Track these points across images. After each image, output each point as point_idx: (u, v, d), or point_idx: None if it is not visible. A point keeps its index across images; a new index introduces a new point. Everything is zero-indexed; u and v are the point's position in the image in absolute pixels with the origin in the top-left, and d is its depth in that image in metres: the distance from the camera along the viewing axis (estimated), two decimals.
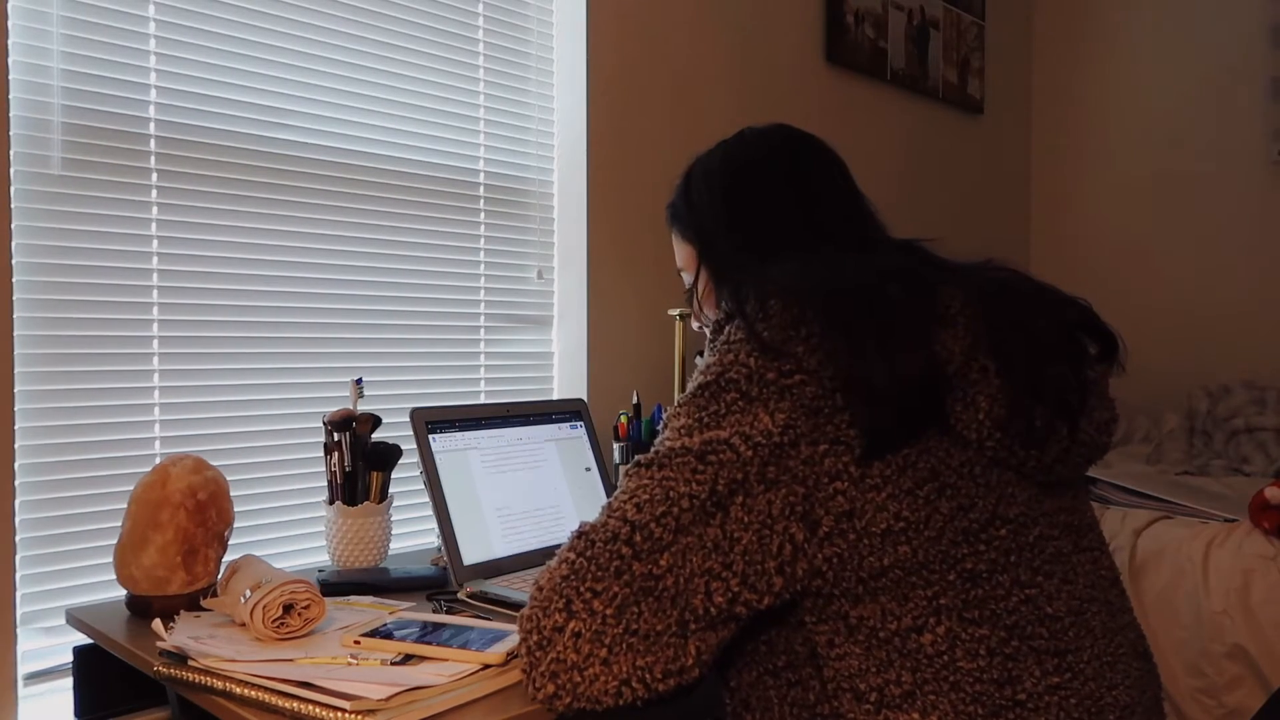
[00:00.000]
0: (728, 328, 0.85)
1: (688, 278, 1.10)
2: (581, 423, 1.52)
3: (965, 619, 0.78)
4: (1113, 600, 0.89)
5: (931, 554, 0.78)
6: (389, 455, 1.37)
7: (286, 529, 1.48)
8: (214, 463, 1.18)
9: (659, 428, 0.88)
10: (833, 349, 0.79)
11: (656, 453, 0.82)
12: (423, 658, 0.93)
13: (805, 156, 1.04)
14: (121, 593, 1.14)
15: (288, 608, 0.98)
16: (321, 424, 1.35)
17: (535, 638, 0.78)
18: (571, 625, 0.77)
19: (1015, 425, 0.81)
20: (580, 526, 0.83)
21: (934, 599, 0.78)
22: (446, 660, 0.92)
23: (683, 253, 1.10)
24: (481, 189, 1.75)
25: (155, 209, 1.34)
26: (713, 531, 0.78)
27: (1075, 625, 0.82)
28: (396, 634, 0.97)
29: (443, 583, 1.26)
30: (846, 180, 1.04)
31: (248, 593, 0.98)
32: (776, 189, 1.01)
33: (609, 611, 0.77)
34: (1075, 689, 0.80)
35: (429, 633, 0.96)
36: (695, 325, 1.14)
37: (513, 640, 0.94)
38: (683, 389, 1.74)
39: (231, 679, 0.87)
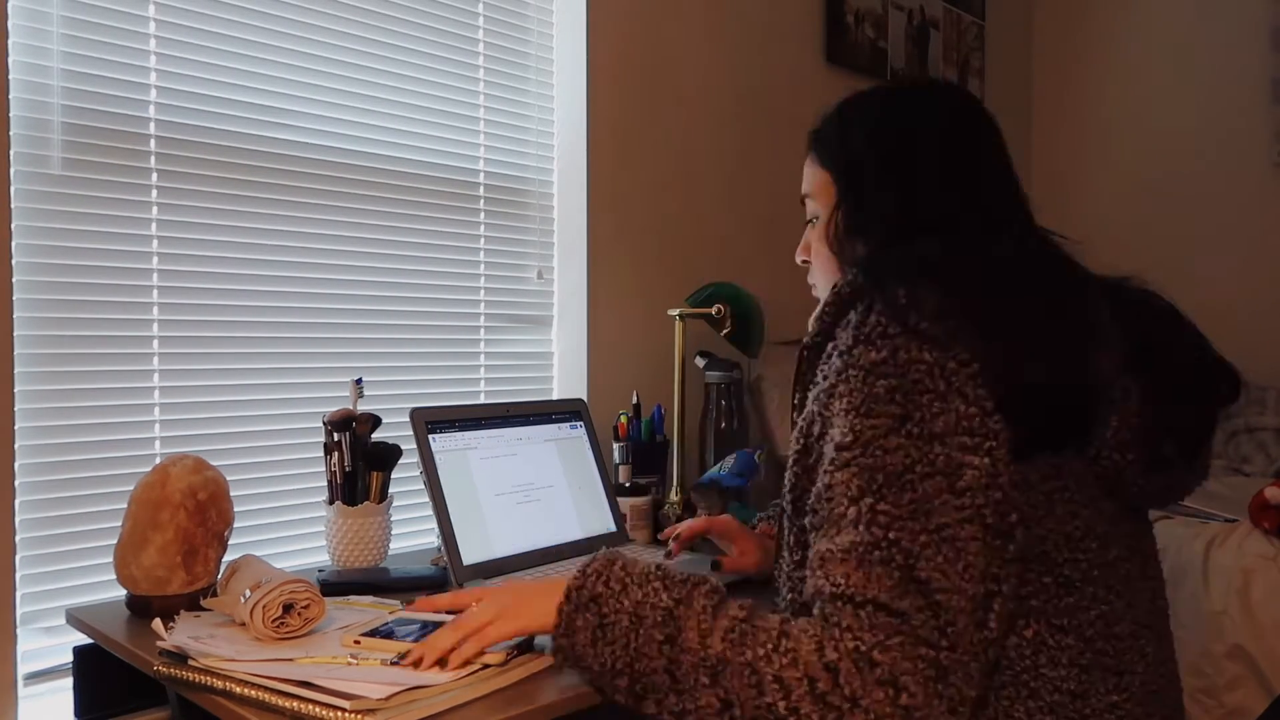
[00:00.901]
0: (863, 310, 0.80)
1: (811, 205, 1.02)
2: (581, 423, 1.52)
3: (1054, 625, 0.78)
4: (1162, 633, 0.89)
5: (1034, 552, 0.78)
6: (389, 455, 1.36)
7: (286, 529, 1.48)
8: (214, 463, 1.18)
9: (838, 438, 0.78)
10: (992, 349, 0.76)
11: (914, 502, 0.73)
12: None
13: (977, 131, 0.97)
14: (121, 593, 1.14)
15: (288, 607, 0.98)
16: (321, 424, 1.35)
17: None
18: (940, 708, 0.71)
19: (1140, 452, 0.81)
20: (856, 598, 0.72)
21: (1026, 599, 0.77)
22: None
23: (817, 180, 1.01)
24: (481, 189, 1.75)
25: (155, 209, 1.34)
26: (998, 567, 0.74)
27: (1133, 649, 0.82)
28: (398, 632, 0.97)
29: (443, 583, 1.26)
30: (1007, 162, 0.98)
31: (248, 592, 0.98)
32: (938, 157, 0.94)
33: (972, 693, 0.72)
34: (1128, 711, 0.80)
35: (429, 631, 0.96)
36: (799, 259, 1.06)
37: (513, 640, 0.93)
38: (683, 389, 1.74)
39: (231, 679, 0.87)
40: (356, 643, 0.95)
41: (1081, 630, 0.78)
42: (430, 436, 1.29)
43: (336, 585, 1.22)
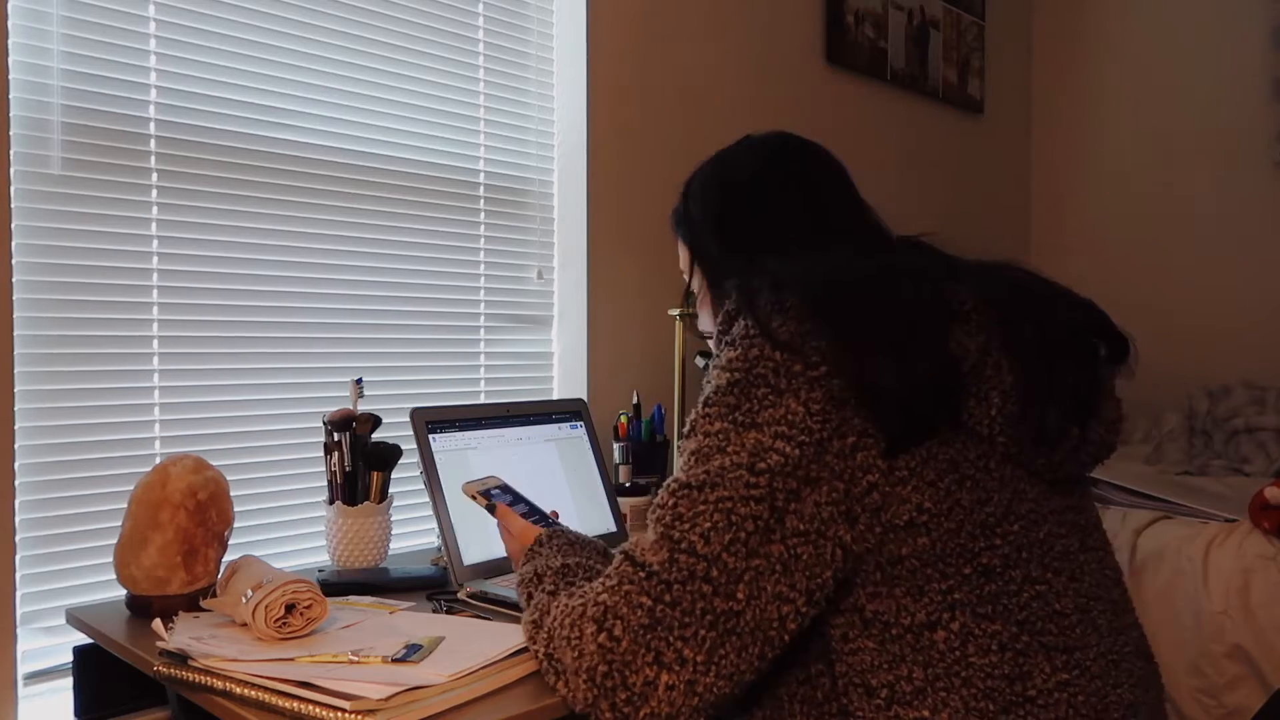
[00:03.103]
0: (738, 322, 0.85)
1: (687, 279, 1.11)
2: (581, 423, 1.52)
3: (979, 614, 0.78)
4: (1117, 600, 0.89)
5: (950, 546, 0.78)
6: (389, 455, 1.36)
7: (286, 529, 1.48)
8: (214, 463, 1.18)
9: (684, 432, 0.85)
10: (844, 349, 0.79)
11: (707, 472, 0.79)
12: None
13: (805, 164, 1.04)
14: (121, 593, 1.14)
15: (290, 607, 0.98)
16: (321, 424, 1.35)
17: (623, 694, 0.75)
18: (664, 678, 0.75)
19: (1027, 423, 0.81)
20: (634, 554, 0.79)
21: (949, 593, 0.78)
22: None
23: (683, 256, 1.11)
24: (481, 189, 1.75)
25: (155, 209, 1.34)
26: (777, 549, 0.76)
27: (1082, 623, 0.82)
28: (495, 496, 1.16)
29: (443, 583, 1.26)
30: (848, 186, 1.04)
31: (249, 593, 0.98)
32: (772, 197, 1.01)
33: (699, 659, 0.75)
34: (1082, 686, 0.80)
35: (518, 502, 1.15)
36: (700, 327, 1.15)
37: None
38: (683, 389, 1.74)
39: (231, 679, 0.87)
40: (473, 496, 1.16)
41: (1011, 614, 0.79)
42: (430, 436, 1.29)
43: (336, 585, 1.22)
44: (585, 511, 1.45)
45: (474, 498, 1.18)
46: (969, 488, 0.79)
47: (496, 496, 1.17)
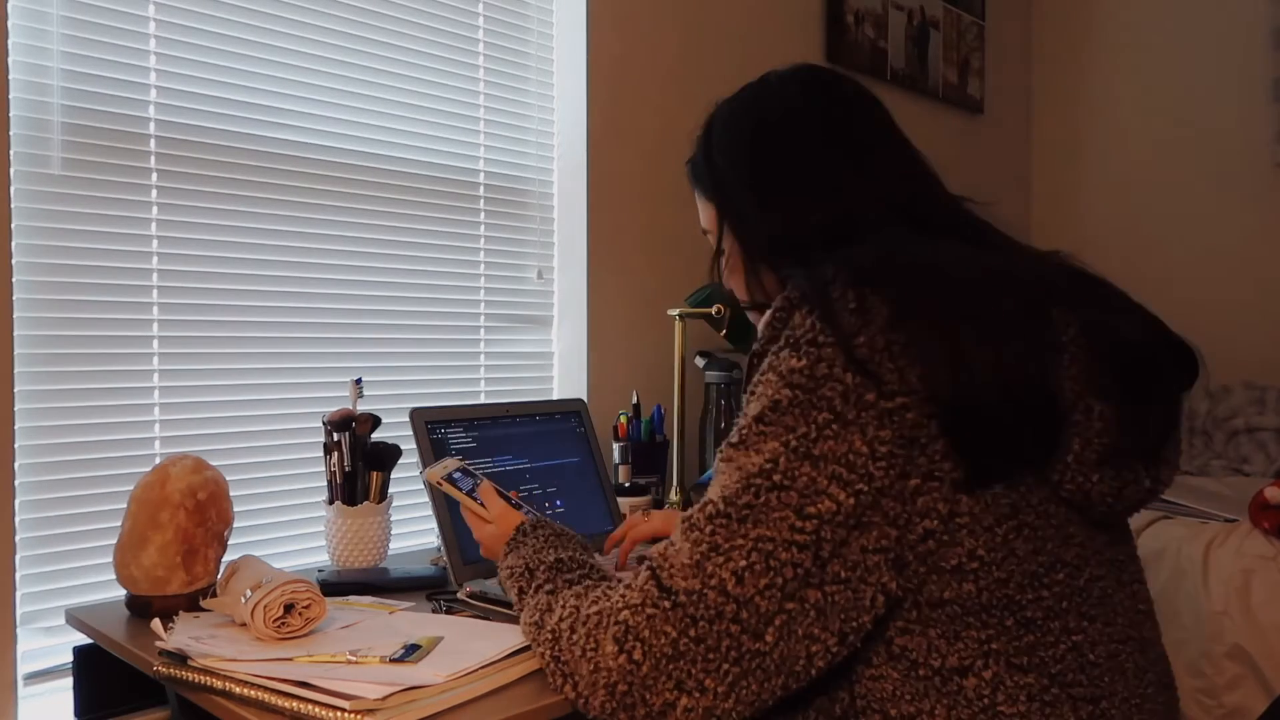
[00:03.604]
0: (799, 315, 0.75)
1: (713, 240, 0.99)
2: (581, 423, 1.52)
3: (1014, 665, 0.74)
4: (1146, 635, 0.86)
5: (996, 596, 0.74)
6: (389, 455, 1.36)
7: (286, 529, 1.48)
8: (214, 463, 1.18)
9: (731, 439, 0.77)
10: (933, 374, 0.71)
11: (750, 506, 0.73)
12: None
13: (844, 98, 0.92)
14: (121, 593, 1.14)
15: (289, 607, 0.98)
16: (321, 424, 1.35)
17: (642, 710, 0.74)
18: (684, 701, 0.74)
19: (1106, 474, 0.77)
20: (661, 574, 0.75)
21: (986, 642, 0.74)
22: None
23: (706, 213, 0.99)
24: (481, 189, 1.75)
25: (155, 209, 1.34)
26: (814, 595, 0.72)
27: (1110, 670, 0.79)
28: (461, 484, 1.14)
29: (443, 583, 1.26)
30: (893, 126, 0.92)
31: (248, 593, 0.98)
32: (812, 138, 0.89)
33: (721, 689, 0.73)
34: None
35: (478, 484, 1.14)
36: (726, 289, 1.02)
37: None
38: (683, 389, 1.74)
39: (231, 679, 0.87)
40: (439, 484, 1.13)
41: (1045, 667, 0.75)
42: (430, 437, 1.29)
43: (336, 585, 1.22)
44: (585, 511, 1.45)
45: (439, 484, 1.14)
46: (1026, 536, 0.74)
47: (460, 483, 1.14)
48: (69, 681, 1.17)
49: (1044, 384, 0.75)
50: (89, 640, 1.13)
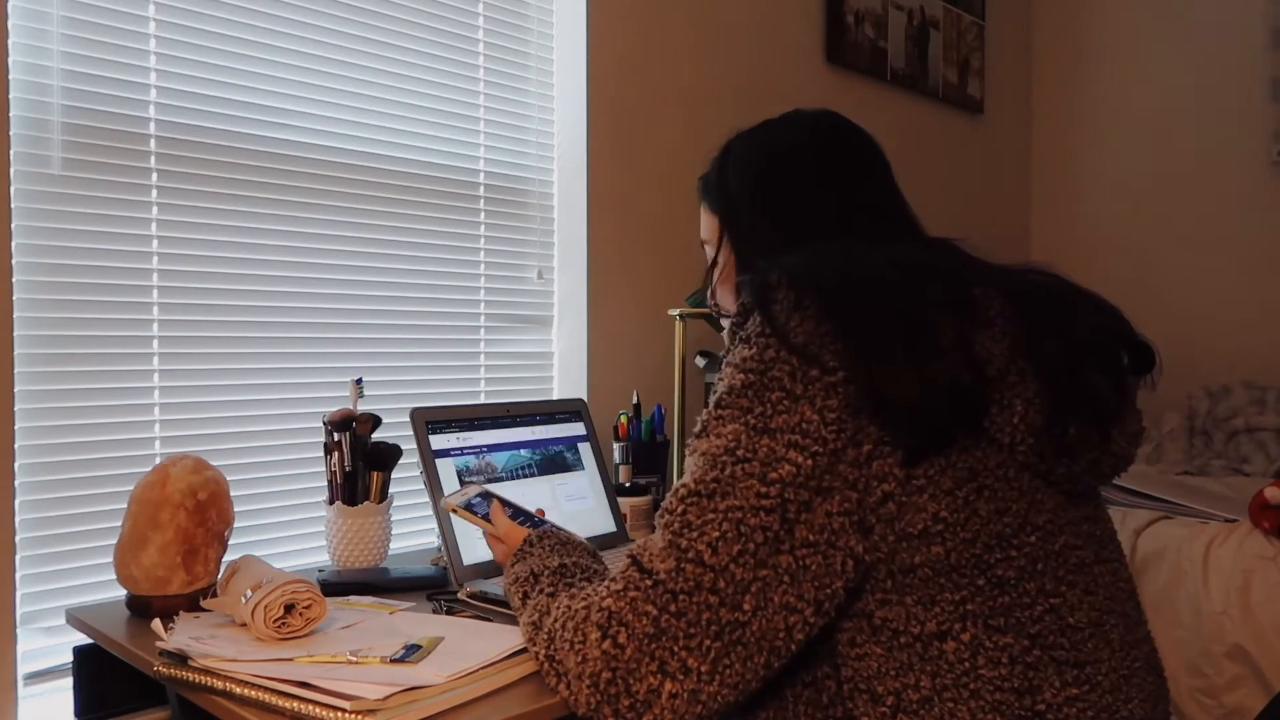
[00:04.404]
0: (753, 317, 0.82)
1: (710, 250, 1.08)
2: (581, 423, 1.52)
3: (991, 626, 0.77)
4: (1130, 613, 0.88)
5: (964, 557, 0.77)
6: (389, 455, 1.36)
7: (286, 529, 1.48)
8: (214, 463, 1.18)
9: (695, 431, 0.83)
10: (859, 356, 0.76)
11: (717, 480, 0.78)
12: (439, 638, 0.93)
13: (854, 146, 1.01)
14: (121, 593, 1.14)
15: (289, 608, 0.98)
16: (321, 424, 1.35)
17: (626, 701, 0.76)
18: (668, 686, 0.75)
19: (1050, 433, 0.80)
20: (641, 559, 0.79)
21: (961, 604, 0.77)
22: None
23: (709, 225, 1.08)
24: (481, 189, 1.75)
25: (155, 209, 1.34)
26: (785, 560, 0.76)
27: (1095, 637, 0.81)
28: (477, 508, 1.15)
29: (443, 583, 1.26)
30: (886, 176, 1.01)
31: (249, 593, 0.98)
32: (809, 175, 0.99)
33: (704, 669, 0.75)
34: (1093, 701, 0.79)
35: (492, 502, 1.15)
36: (709, 302, 1.12)
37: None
38: (683, 389, 1.74)
39: (231, 679, 0.87)
40: (454, 511, 1.15)
41: (1024, 628, 0.78)
42: (430, 436, 1.29)
43: (336, 585, 1.22)
44: (585, 511, 1.45)
45: (455, 512, 1.17)
46: (986, 497, 0.78)
47: (477, 507, 1.16)
48: (69, 681, 1.17)
49: (964, 353, 0.78)
50: (89, 640, 1.12)
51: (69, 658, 1.17)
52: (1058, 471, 0.82)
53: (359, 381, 1.40)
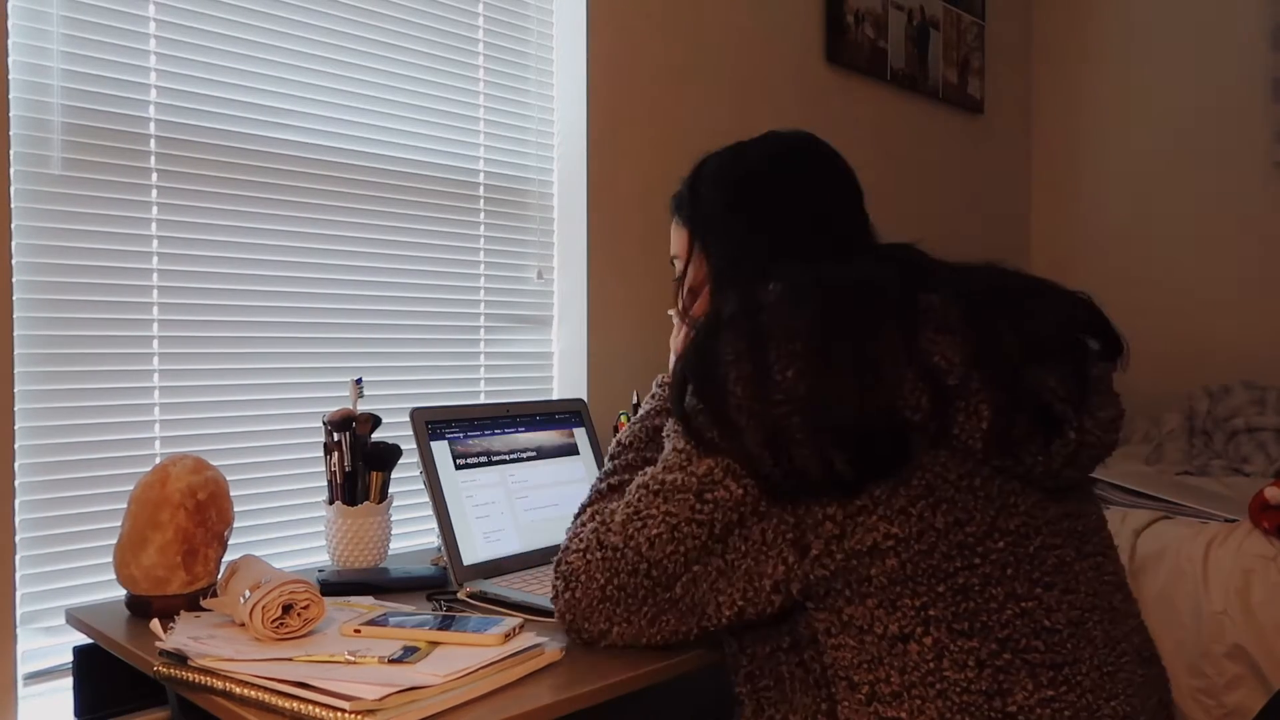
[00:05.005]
0: (716, 342, 0.85)
1: (679, 265, 1.11)
2: (581, 423, 1.52)
3: (955, 630, 0.78)
4: (1117, 606, 0.88)
5: (920, 567, 0.78)
6: (389, 455, 1.36)
7: (286, 529, 1.48)
8: (214, 463, 1.18)
9: (664, 436, 0.93)
10: (808, 396, 0.78)
11: (662, 482, 0.87)
12: (434, 643, 0.93)
13: (825, 169, 1.04)
14: (121, 593, 1.15)
15: (287, 608, 0.98)
16: (321, 424, 1.35)
17: (585, 634, 0.95)
18: (616, 630, 0.93)
19: (995, 432, 0.80)
20: (602, 528, 0.91)
21: (922, 609, 0.78)
22: (460, 645, 0.94)
23: (679, 240, 1.11)
24: (481, 189, 1.75)
25: (155, 209, 1.34)
26: (716, 561, 0.84)
27: (1074, 636, 0.81)
28: (392, 621, 0.99)
29: (443, 583, 1.26)
30: (858, 200, 1.05)
31: (247, 593, 0.98)
32: (785, 195, 1.02)
33: (644, 622, 0.91)
34: (1070, 701, 0.79)
35: (425, 621, 0.99)
36: (670, 313, 1.16)
37: (510, 623, 0.97)
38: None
39: (231, 679, 0.87)
40: (357, 631, 0.97)
41: (991, 632, 0.78)
42: (430, 436, 1.29)
43: (336, 585, 1.22)
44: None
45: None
46: (944, 510, 0.79)
47: None
48: (69, 681, 1.17)
49: (928, 368, 0.79)
50: (89, 640, 1.13)
51: (69, 658, 1.17)
52: (1036, 471, 0.82)
53: (359, 381, 1.40)
